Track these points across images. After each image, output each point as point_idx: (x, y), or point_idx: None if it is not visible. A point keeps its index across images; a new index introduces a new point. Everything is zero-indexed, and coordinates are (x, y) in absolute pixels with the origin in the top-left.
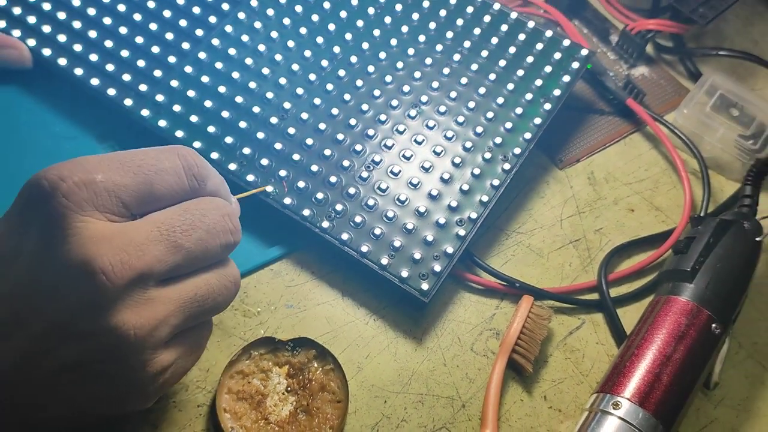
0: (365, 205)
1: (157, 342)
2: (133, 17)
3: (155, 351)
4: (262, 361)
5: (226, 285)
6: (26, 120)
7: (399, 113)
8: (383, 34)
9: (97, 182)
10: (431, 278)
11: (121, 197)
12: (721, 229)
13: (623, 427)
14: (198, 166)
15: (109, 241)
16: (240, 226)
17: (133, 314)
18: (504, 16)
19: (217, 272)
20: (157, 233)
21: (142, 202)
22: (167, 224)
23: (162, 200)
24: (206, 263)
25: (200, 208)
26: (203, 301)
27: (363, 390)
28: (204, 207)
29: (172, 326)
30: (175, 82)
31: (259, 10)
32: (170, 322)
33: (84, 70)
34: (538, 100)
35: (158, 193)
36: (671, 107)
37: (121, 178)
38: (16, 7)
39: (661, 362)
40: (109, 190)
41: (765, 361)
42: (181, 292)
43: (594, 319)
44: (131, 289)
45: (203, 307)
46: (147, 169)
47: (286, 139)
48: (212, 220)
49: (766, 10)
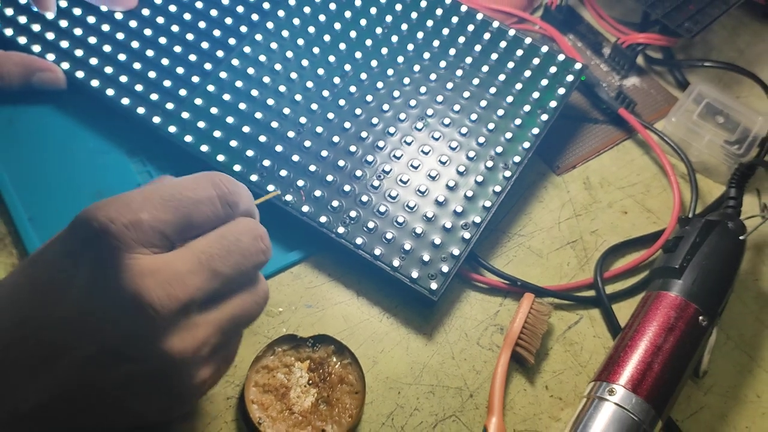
0: (377, 211)
1: (199, 361)
2: (158, 41)
3: (198, 368)
4: (285, 356)
5: (258, 301)
6: (62, 136)
7: (406, 126)
8: (390, 52)
9: (143, 222)
10: (439, 278)
11: (163, 232)
12: (707, 229)
13: (618, 412)
14: (230, 193)
15: (155, 275)
16: (270, 245)
17: (178, 340)
18: (502, 34)
19: (249, 292)
20: (198, 263)
21: (181, 233)
22: (207, 253)
23: (200, 228)
24: (241, 283)
25: (235, 233)
26: (239, 320)
27: (378, 382)
28: (239, 231)
29: (212, 345)
30: (199, 100)
31: (275, 32)
32: (210, 342)
33: (115, 91)
34: (535, 112)
35: (196, 223)
36: (661, 115)
37: (164, 215)
38: (50, 33)
39: (653, 352)
40: (153, 227)
41: (751, 351)
42: (220, 315)
43: (591, 314)
44: (176, 318)
45: (239, 325)
46: (185, 203)
47: (303, 151)
48: (247, 244)
49: (751, 20)
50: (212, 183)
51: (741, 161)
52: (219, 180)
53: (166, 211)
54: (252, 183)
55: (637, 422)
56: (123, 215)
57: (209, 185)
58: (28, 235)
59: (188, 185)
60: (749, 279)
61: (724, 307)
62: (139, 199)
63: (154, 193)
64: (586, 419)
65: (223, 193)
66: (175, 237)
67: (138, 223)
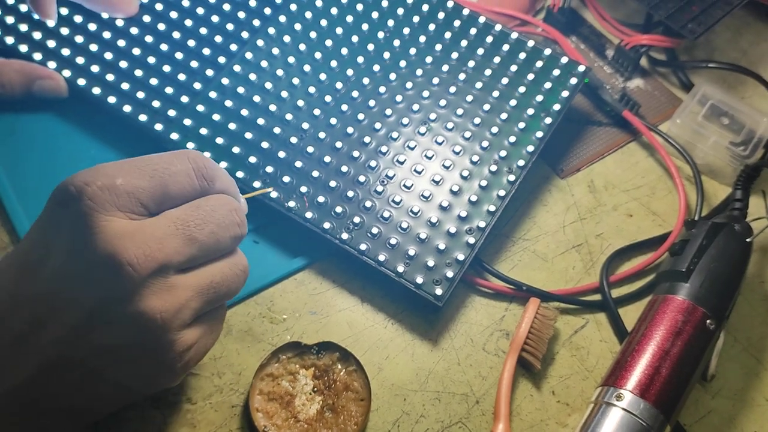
0: (381, 217)
1: (180, 324)
2: (160, 47)
3: (180, 332)
4: (290, 364)
5: (237, 273)
6: (64, 144)
7: (409, 130)
8: (392, 56)
9: (118, 186)
10: (444, 284)
11: (139, 198)
12: (714, 232)
13: (626, 417)
14: (207, 168)
15: (132, 236)
16: (246, 220)
17: (158, 300)
18: (505, 37)
19: (228, 261)
20: (174, 228)
21: (158, 202)
22: (182, 220)
23: (176, 199)
24: (219, 253)
25: (210, 204)
26: (218, 287)
27: (384, 389)
28: (214, 203)
29: (192, 309)
30: (201, 107)
31: (276, 38)
32: (191, 306)
33: (116, 98)
34: (539, 115)
35: (172, 193)
36: (665, 117)
37: (139, 181)
38: (51, 41)
39: (660, 357)
40: (128, 192)
41: (759, 354)
42: (198, 279)
43: (597, 319)
44: (154, 278)
45: (219, 293)
46: (161, 172)
47: (306, 157)
48: (221, 215)
49: (754, 21)
50: (188, 157)
51: (747, 163)
52: (195, 155)
53: (142, 178)
54: (255, 189)
55: (646, 427)
56: (98, 179)
57: (185, 159)
58: None
59: (164, 156)
60: (756, 281)
61: (731, 311)
62: (114, 167)
63: (129, 162)
64: (594, 425)
65: (198, 166)
66: (152, 205)
67: (113, 186)
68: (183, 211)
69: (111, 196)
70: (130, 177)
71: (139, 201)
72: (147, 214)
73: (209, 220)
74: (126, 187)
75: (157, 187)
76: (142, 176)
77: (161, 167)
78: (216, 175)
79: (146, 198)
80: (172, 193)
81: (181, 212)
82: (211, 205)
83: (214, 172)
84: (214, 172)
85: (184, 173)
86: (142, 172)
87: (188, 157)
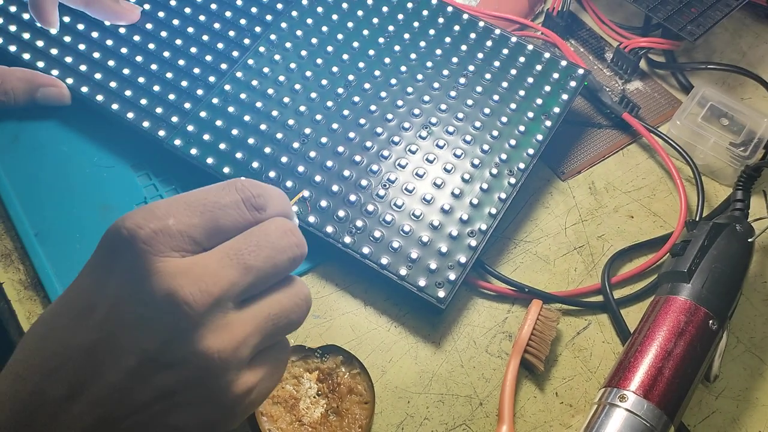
0: (383, 220)
1: (239, 362)
2: (162, 54)
3: (239, 372)
4: (294, 367)
5: (297, 302)
6: (68, 151)
7: (411, 134)
8: (393, 61)
9: (170, 226)
10: (447, 286)
11: (192, 236)
12: (715, 232)
13: (630, 418)
14: (256, 196)
15: (187, 274)
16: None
17: (215, 338)
18: (505, 41)
19: (287, 292)
20: (228, 259)
21: (210, 237)
22: (235, 249)
23: (228, 232)
24: (277, 278)
25: (263, 230)
26: (277, 320)
27: (388, 392)
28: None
29: (251, 347)
30: (204, 113)
31: (278, 43)
32: (249, 343)
33: (119, 105)
34: (539, 118)
35: (224, 227)
36: (665, 119)
37: (190, 218)
38: (54, 48)
39: (663, 357)
40: (181, 231)
41: (762, 354)
42: (256, 313)
43: (600, 320)
44: (211, 314)
45: (278, 326)
46: (211, 207)
47: (308, 162)
48: (276, 237)
49: (753, 22)
50: (236, 188)
51: (747, 163)
52: (243, 185)
53: (193, 215)
54: None
55: (650, 428)
56: (150, 221)
57: (233, 190)
58: (35, 250)
59: (212, 190)
60: (758, 281)
61: (734, 311)
62: (164, 206)
63: (179, 200)
64: (598, 426)
65: (247, 196)
66: (204, 241)
67: (166, 228)
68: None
69: (164, 238)
70: (181, 216)
71: (192, 238)
72: (201, 251)
73: (264, 245)
74: (178, 226)
75: (209, 222)
76: (193, 213)
77: (210, 201)
78: (267, 202)
79: (199, 235)
80: (224, 227)
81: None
82: (265, 230)
83: (265, 200)
84: (265, 200)
85: (234, 205)
86: (192, 209)
87: (236, 188)
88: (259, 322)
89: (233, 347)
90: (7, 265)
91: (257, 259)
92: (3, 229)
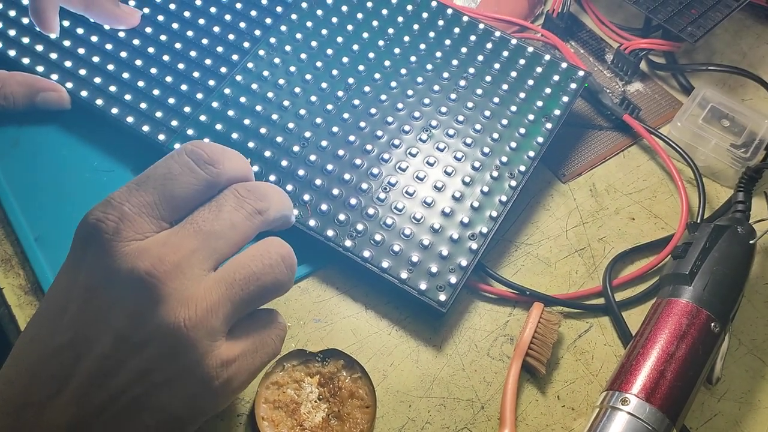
0: (384, 224)
1: (211, 331)
2: (162, 58)
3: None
4: (295, 372)
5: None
6: (67, 155)
7: (411, 137)
8: (393, 64)
9: (127, 212)
10: (448, 290)
11: (150, 215)
12: (717, 234)
13: (632, 422)
14: (207, 153)
15: (148, 250)
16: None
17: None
18: (505, 43)
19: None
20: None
21: (172, 210)
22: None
23: (189, 200)
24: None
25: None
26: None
27: (389, 395)
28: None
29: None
30: (204, 117)
31: (278, 47)
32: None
33: (119, 109)
34: (539, 120)
35: (182, 195)
36: (666, 120)
37: (144, 198)
38: (53, 53)
39: (665, 360)
40: (138, 214)
41: (764, 356)
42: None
43: (601, 323)
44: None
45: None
46: (162, 180)
47: (308, 165)
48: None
49: (753, 23)
50: (185, 151)
51: (748, 165)
52: (191, 146)
53: (146, 194)
54: None
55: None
56: (108, 212)
57: (182, 155)
58: (35, 255)
59: (161, 163)
60: (759, 283)
61: (735, 313)
62: (119, 194)
63: (131, 183)
64: (600, 429)
65: (197, 156)
66: (168, 216)
67: (124, 215)
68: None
69: (125, 224)
70: (135, 198)
71: (152, 217)
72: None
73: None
74: (134, 209)
75: (164, 195)
76: (146, 192)
77: (161, 175)
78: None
79: (158, 212)
80: (182, 195)
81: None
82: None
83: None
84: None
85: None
86: (145, 187)
87: (184, 151)
88: (225, 288)
89: (201, 316)
90: (7, 270)
91: (212, 223)
92: (3, 234)
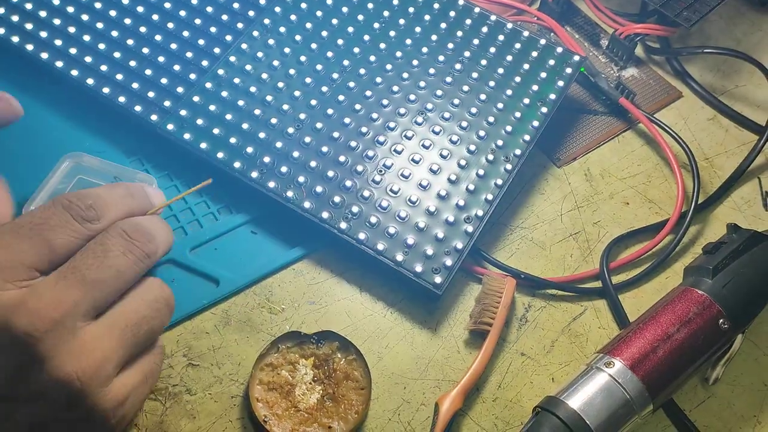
0: (379, 206)
1: (104, 379)
2: (154, 38)
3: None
4: (290, 353)
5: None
6: (58, 137)
7: (406, 120)
8: (389, 46)
9: None
10: (443, 272)
11: (23, 262)
12: (754, 241)
13: (610, 383)
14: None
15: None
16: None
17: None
18: (501, 27)
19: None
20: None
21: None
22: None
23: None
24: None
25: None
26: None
27: (384, 377)
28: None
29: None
30: (197, 98)
31: (272, 28)
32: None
33: (111, 89)
34: (535, 104)
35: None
36: (661, 105)
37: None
38: (43, 32)
39: (661, 338)
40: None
41: (756, 340)
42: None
43: (596, 306)
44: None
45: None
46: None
47: (303, 147)
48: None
49: (748, 10)
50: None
51: None
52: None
53: (21, 241)
54: (252, 180)
55: (627, 399)
56: None
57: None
58: None
59: (38, 211)
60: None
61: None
62: None
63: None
64: (578, 384)
65: (76, 211)
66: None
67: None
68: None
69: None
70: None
71: (26, 265)
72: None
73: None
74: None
75: (40, 245)
76: (21, 239)
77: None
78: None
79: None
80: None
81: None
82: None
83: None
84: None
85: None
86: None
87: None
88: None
89: (94, 367)
90: None
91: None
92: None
